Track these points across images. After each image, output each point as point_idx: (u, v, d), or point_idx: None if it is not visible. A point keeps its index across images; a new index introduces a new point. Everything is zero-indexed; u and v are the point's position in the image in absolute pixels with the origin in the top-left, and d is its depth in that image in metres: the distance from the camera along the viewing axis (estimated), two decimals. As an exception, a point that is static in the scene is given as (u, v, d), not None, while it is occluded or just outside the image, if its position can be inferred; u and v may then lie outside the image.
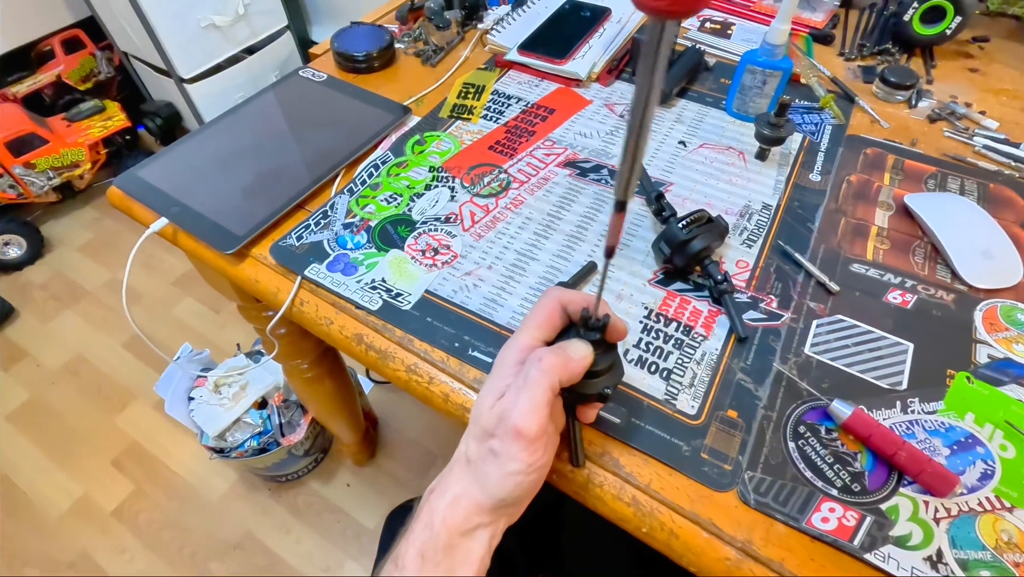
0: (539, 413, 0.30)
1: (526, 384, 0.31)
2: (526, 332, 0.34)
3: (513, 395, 0.31)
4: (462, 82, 0.67)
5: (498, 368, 0.34)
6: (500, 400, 0.32)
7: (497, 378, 0.33)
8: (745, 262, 0.49)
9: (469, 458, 0.33)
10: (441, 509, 0.32)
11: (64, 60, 1.74)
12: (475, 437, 0.33)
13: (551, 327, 0.34)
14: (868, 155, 0.59)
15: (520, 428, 0.30)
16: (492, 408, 0.32)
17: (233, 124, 0.62)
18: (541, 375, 0.31)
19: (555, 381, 0.31)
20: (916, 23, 0.68)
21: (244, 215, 0.52)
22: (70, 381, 1.35)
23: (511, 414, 0.30)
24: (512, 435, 0.30)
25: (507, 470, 0.31)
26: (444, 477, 0.34)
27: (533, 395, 0.30)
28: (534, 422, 0.30)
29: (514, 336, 0.35)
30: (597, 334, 0.34)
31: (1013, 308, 0.46)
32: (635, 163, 0.27)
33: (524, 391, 0.31)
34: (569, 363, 0.32)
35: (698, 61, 0.67)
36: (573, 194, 0.55)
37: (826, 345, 0.44)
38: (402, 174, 0.57)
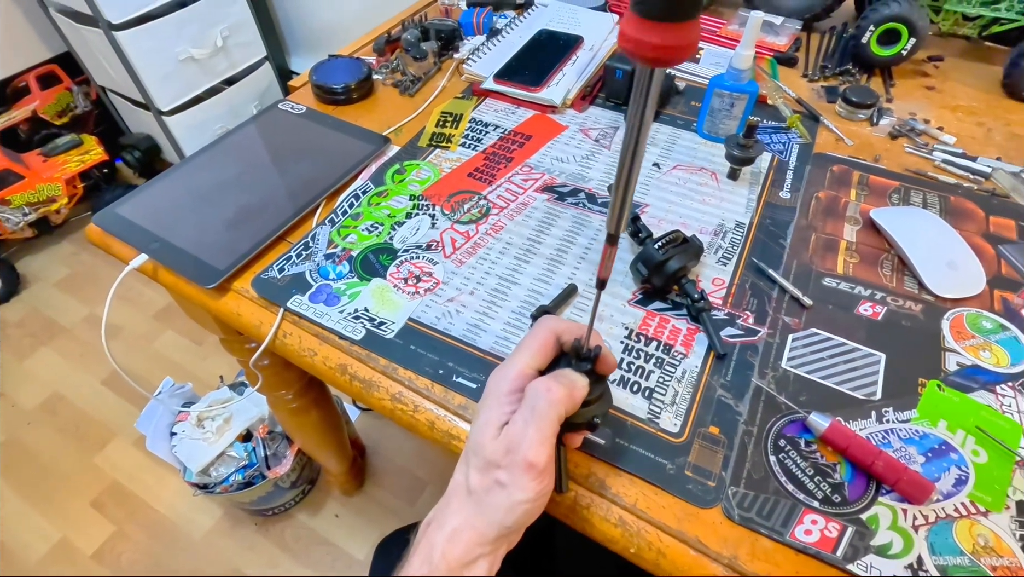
0: (548, 444, 0.31)
1: (534, 416, 0.31)
2: (520, 360, 0.34)
3: (521, 427, 0.31)
4: (440, 111, 0.69)
5: (492, 397, 0.34)
6: (504, 430, 0.32)
7: (493, 408, 0.33)
8: (721, 279, 0.51)
9: (471, 489, 0.32)
10: (440, 543, 0.31)
11: (40, 95, 1.73)
12: (477, 468, 0.32)
13: (545, 356, 0.34)
14: (835, 172, 0.61)
15: (531, 461, 0.30)
16: (496, 439, 0.32)
17: (213, 158, 0.62)
18: (550, 407, 0.31)
19: (562, 412, 0.32)
20: (874, 45, 0.71)
21: (225, 249, 0.52)
22: (47, 420, 1.32)
23: (520, 446, 0.30)
24: (523, 467, 0.30)
25: (516, 500, 0.31)
26: (441, 510, 0.33)
27: (542, 427, 0.31)
28: (543, 454, 0.30)
29: (507, 364, 0.34)
30: (589, 364, 0.34)
31: (978, 316, 0.47)
32: (626, 197, 0.28)
33: (532, 423, 0.31)
34: (573, 393, 0.32)
35: (669, 85, 0.70)
36: (552, 218, 0.56)
37: (802, 359, 0.45)
38: (383, 203, 0.58)
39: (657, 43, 0.21)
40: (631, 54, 0.22)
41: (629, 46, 0.21)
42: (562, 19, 0.80)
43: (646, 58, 0.21)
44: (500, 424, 0.32)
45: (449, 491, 0.34)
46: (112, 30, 1.38)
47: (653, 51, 0.21)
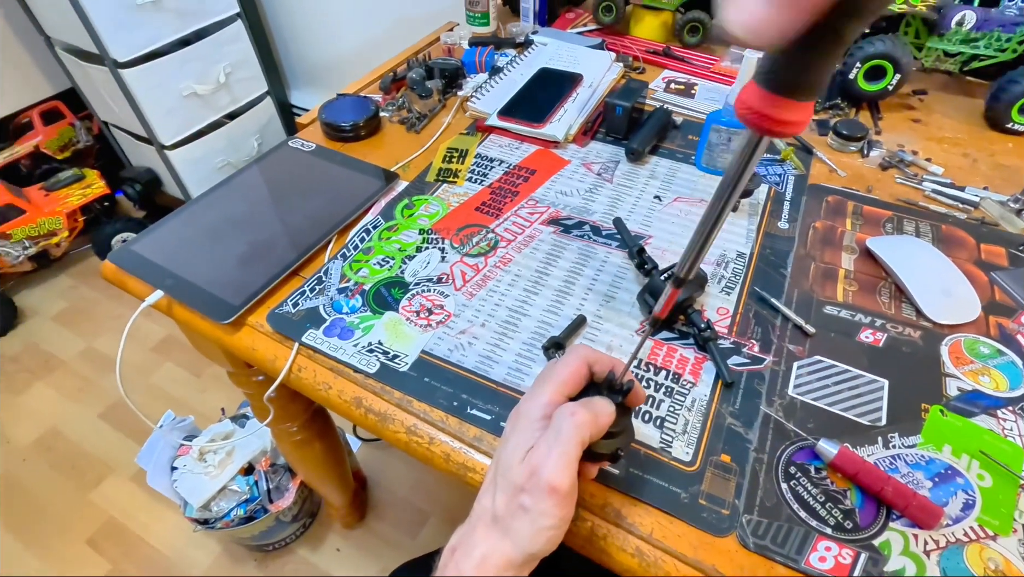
0: (571, 468, 0.31)
1: (558, 439, 0.31)
2: (551, 388, 0.34)
3: (544, 450, 0.31)
4: (446, 147, 0.71)
5: (523, 421, 0.34)
6: (529, 454, 0.32)
7: (523, 431, 0.33)
8: (725, 309, 0.52)
9: (496, 515, 0.32)
10: (469, 569, 0.31)
11: (42, 131, 1.75)
12: (504, 491, 0.32)
13: (576, 384, 0.35)
14: (830, 202, 0.63)
15: (554, 484, 0.30)
16: (522, 462, 0.32)
17: (224, 195, 0.64)
18: (574, 430, 0.31)
19: (586, 436, 0.32)
20: (860, 80, 0.74)
21: (239, 285, 0.53)
22: (43, 457, 1.30)
23: (543, 469, 0.30)
24: (546, 491, 0.30)
25: (540, 525, 0.31)
26: (467, 535, 0.33)
27: (566, 450, 0.31)
28: (567, 478, 0.30)
29: (538, 390, 0.34)
30: (620, 397, 0.35)
31: (975, 341, 0.49)
32: (706, 245, 0.29)
33: (556, 446, 0.31)
34: (598, 419, 0.33)
35: (667, 120, 0.72)
36: (558, 250, 0.58)
37: (808, 386, 0.46)
38: (393, 237, 0.59)
39: (782, 118, 0.21)
40: (753, 125, 0.22)
41: (754, 118, 0.22)
42: (561, 57, 0.84)
43: (764, 129, 0.22)
44: (527, 448, 0.32)
45: (474, 516, 0.34)
46: (118, 68, 1.41)
47: (777, 125, 0.22)
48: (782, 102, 0.21)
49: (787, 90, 0.21)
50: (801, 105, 0.21)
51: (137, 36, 1.41)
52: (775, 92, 0.21)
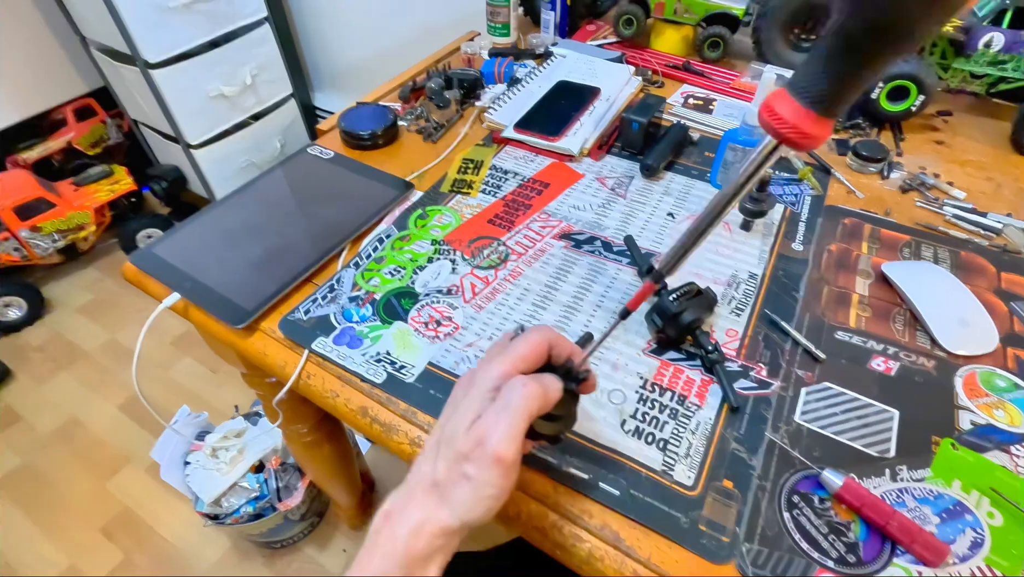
0: (518, 440, 0.31)
1: (507, 410, 0.31)
2: (509, 361, 0.33)
3: (493, 419, 0.31)
4: (462, 158, 0.71)
5: (474, 389, 0.33)
6: (477, 423, 0.32)
7: (472, 400, 0.33)
8: (734, 331, 0.52)
9: (437, 481, 0.32)
10: (404, 536, 0.31)
11: (75, 127, 1.80)
12: (447, 459, 0.32)
13: (534, 362, 0.35)
14: (846, 225, 0.62)
15: (500, 454, 0.30)
16: (469, 430, 0.32)
17: (243, 200, 0.65)
18: (523, 402, 0.31)
19: (534, 410, 0.32)
20: (883, 101, 0.73)
21: (253, 290, 0.54)
22: (63, 445, 1.34)
23: (490, 439, 0.30)
24: (491, 460, 0.30)
25: (481, 495, 0.31)
26: (403, 501, 0.33)
27: (514, 421, 0.31)
28: (513, 448, 0.30)
29: (495, 360, 0.34)
30: (575, 384, 0.36)
31: (991, 374, 0.48)
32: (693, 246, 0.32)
33: (504, 416, 0.31)
34: (547, 394, 0.33)
35: (683, 136, 0.72)
36: (569, 265, 0.58)
37: (815, 413, 0.45)
38: (405, 247, 0.60)
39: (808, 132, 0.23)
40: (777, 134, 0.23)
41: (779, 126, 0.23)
42: (580, 70, 0.84)
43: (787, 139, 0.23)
44: (475, 417, 0.32)
45: (412, 482, 0.33)
46: (148, 68, 1.45)
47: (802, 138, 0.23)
48: (812, 117, 0.22)
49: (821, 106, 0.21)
50: (827, 122, 0.22)
51: (168, 38, 1.45)
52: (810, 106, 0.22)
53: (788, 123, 0.23)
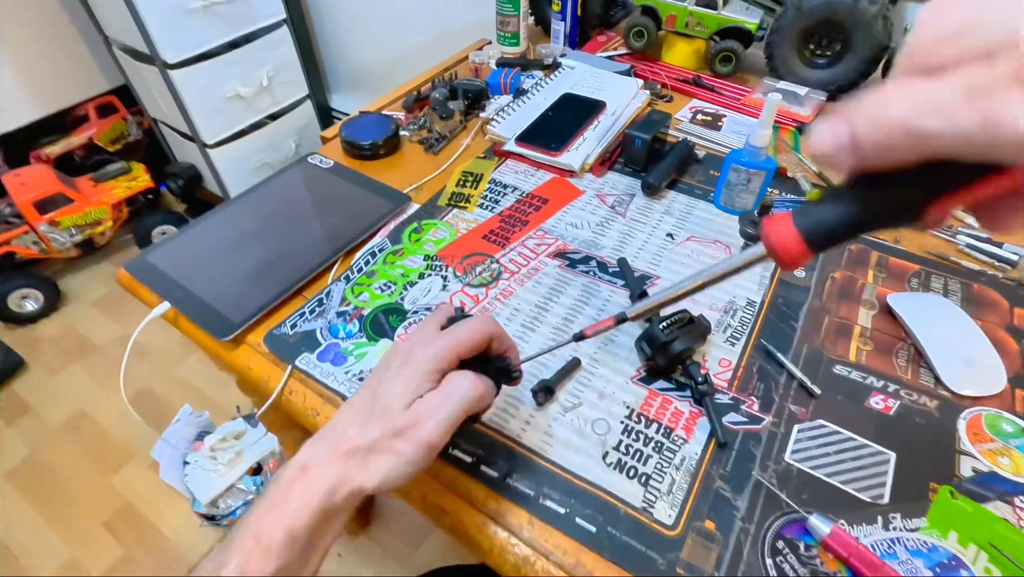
0: (451, 430, 0.33)
1: (448, 402, 0.33)
2: (451, 346, 0.35)
3: (435, 408, 0.33)
4: (461, 170, 0.71)
5: (413, 368, 0.34)
6: (417, 404, 0.33)
7: (411, 378, 0.34)
8: (728, 360, 0.50)
9: (363, 447, 0.33)
10: (321, 492, 0.32)
11: (97, 124, 1.84)
12: (379, 428, 0.33)
13: (474, 350, 0.36)
14: (852, 251, 0.60)
15: (433, 442, 0.33)
16: (408, 408, 0.33)
17: (241, 209, 0.65)
18: (464, 400, 0.34)
19: (471, 408, 0.34)
20: (898, 122, 0.71)
21: (243, 302, 0.54)
22: (71, 438, 1.36)
23: (427, 425, 0.32)
24: (424, 445, 0.32)
25: (403, 470, 0.33)
26: (324, 458, 0.33)
27: (453, 415, 0.33)
28: (445, 438, 0.33)
29: (437, 341, 0.35)
30: (506, 381, 0.39)
31: (998, 417, 0.46)
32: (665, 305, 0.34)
33: (444, 407, 0.33)
34: (484, 399, 0.35)
35: (688, 154, 0.70)
36: (562, 285, 0.57)
37: (807, 452, 0.44)
38: (398, 262, 0.59)
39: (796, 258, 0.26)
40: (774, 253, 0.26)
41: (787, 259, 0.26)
42: (587, 83, 0.82)
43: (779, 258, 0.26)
44: (414, 397, 0.34)
45: (335, 440, 0.34)
46: (167, 69, 1.47)
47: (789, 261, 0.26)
48: (804, 250, 0.25)
49: (815, 245, 0.25)
50: (813, 254, 0.25)
51: (187, 39, 1.47)
52: (807, 242, 0.25)
53: (785, 246, 0.25)
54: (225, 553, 0.31)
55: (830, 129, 0.22)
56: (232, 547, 0.31)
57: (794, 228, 0.25)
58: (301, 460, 0.33)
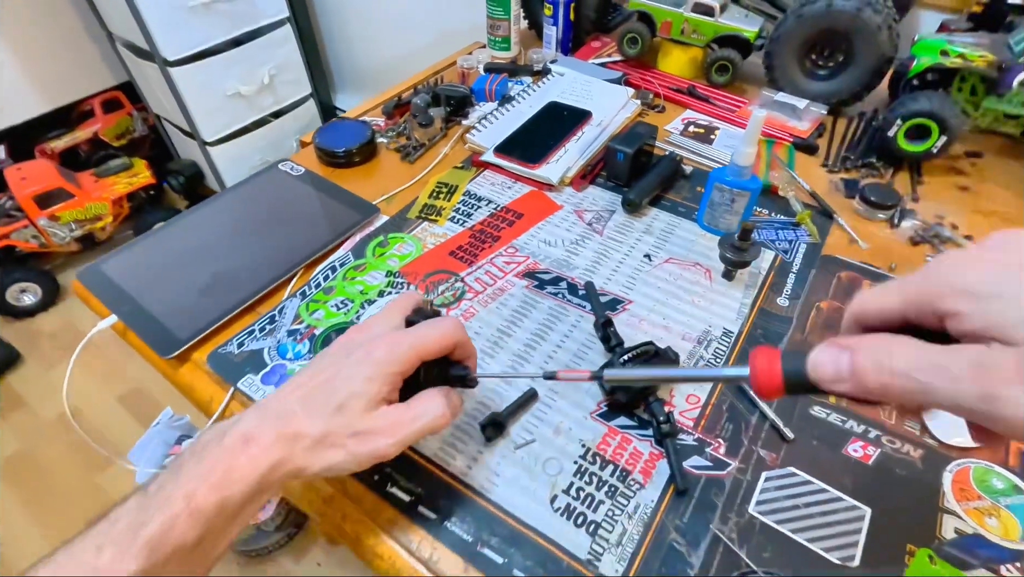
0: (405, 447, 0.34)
1: (413, 425, 0.34)
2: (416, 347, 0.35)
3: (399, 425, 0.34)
4: (436, 181, 0.68)
5: (376, 365, 0.34)
6: (382, 413, 0.33)
7: (373, 378, 0.33)
8: (697, 397, 0.46)
9: (313, 436, 0.33)
10: (263, 468, 0.32)
11: (103, 119, 1.85)
12: (332, 425, 0.33)
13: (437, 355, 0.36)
14: (842, 279, 0.56)
15: (387, 455, 0.34)
16: (369, 414, 0.33)
17: (204, 217, 0.63)
18: (428, 428, 0.34)
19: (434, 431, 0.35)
20: (901, 140, 0.67)
21: (192, 317, 0.52)
22: (62, 434, 1.36)
23: (386, 440, 0.33)
24: (377, 456, 0.33)
25: (347, 466, 0.34)
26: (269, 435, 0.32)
27: (412, 437, 0.34)
28: (397, 453, 0.34)
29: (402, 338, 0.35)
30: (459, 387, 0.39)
31: (988, 472, 0.42)
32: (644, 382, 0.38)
33: (408, 430, 0.34)
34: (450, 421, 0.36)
35: (675, 169, 0.67)
36: (527, 308, 0.54)
37: (773, 504, 0.40)
38: (358, 278, 0.56)
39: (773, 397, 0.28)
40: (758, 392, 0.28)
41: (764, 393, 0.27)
42: (575, 91, 0.79)
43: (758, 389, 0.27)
44: (377, 401, 0.34)
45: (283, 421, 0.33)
46: (167, 66, 1.47)
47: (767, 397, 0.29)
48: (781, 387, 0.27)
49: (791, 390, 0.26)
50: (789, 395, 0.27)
51: (187, 36, 1.46)
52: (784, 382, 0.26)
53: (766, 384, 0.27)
54: (149, 511, 0.30)
55: (832, 357, 0.24)
56: (159, 504, 0.30)
57: (779, 371, 0.26)
58: (244, 431, 0.32)
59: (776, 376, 0.26)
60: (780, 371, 0.26)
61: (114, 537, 0.29)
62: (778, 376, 0.26)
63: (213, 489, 0.30)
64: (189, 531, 0.30)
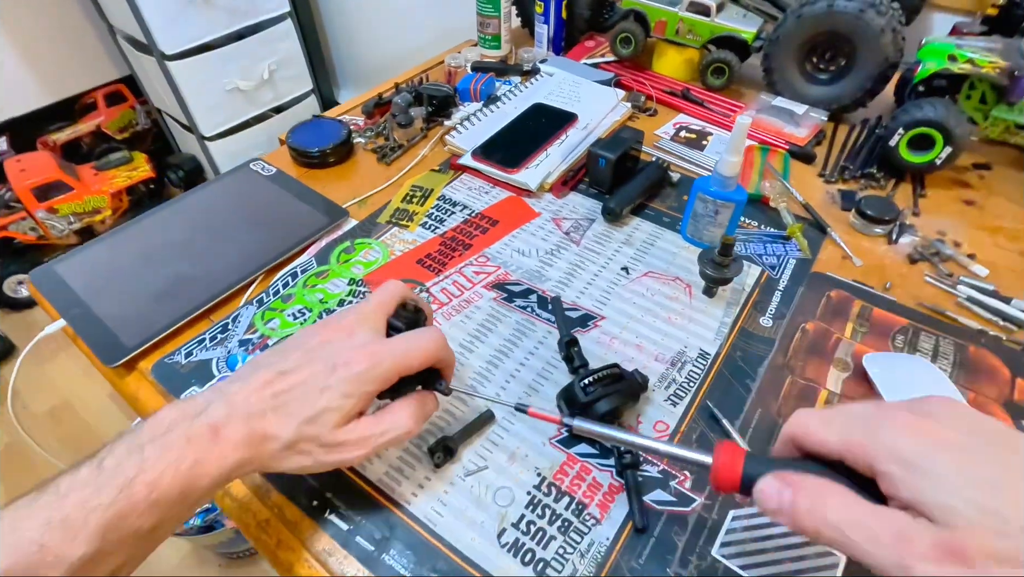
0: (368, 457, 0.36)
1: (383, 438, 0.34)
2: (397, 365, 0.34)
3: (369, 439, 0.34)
4: (411, 184, 0.65)
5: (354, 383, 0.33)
6: (352, 427, 0.34)
7: (349, 395, 0.33)
8: (665, 424, 0.43)
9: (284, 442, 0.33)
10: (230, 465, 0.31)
11: (105, 112, 1.85)
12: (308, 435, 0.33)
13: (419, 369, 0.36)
14: (832, 299, 0.52)
15: (353, 464, 0.35)
16: (339, 429, 0.33)
17: (169, 217, 0.61)
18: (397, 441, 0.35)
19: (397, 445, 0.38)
20: (903, 149, 0.63)
21: (143, 323, 0.50)
22: (52, 428, 1.36)
23: (354, 453, 0.34)
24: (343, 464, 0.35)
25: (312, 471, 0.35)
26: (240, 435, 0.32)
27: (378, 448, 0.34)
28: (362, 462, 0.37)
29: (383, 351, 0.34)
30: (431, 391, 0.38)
31: (978, 517, 0.38)
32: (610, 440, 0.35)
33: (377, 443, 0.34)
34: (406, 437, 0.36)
35: (661, 176, 0.63)
36: (492, 322, 0.51)
37: (739, 547, 0.37)
38: (319, 285, 0.54)
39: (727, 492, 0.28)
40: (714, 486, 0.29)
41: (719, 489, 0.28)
42: (563, 92, 0.76)
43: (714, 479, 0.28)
44: (351, 417, 0.34)
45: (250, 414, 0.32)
46: (165, 60, 1.46)
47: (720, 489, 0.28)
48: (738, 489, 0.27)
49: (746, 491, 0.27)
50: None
51: (186, 30, 1.45)
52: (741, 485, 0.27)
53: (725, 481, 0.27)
54: (105, 491, 0.28)
55: (776, 491, 0.25)
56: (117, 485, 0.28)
57: (739, 474, 0.27)
58: (212, 423, 0.32)
59: (735, 477, 0.27)
60: (740, 474, 0.27)
61: (65, 514, 0.27)
62: (737, 477, 0.27)
63: (178, 479, 0.30)
64: (147, 519, 0.29)
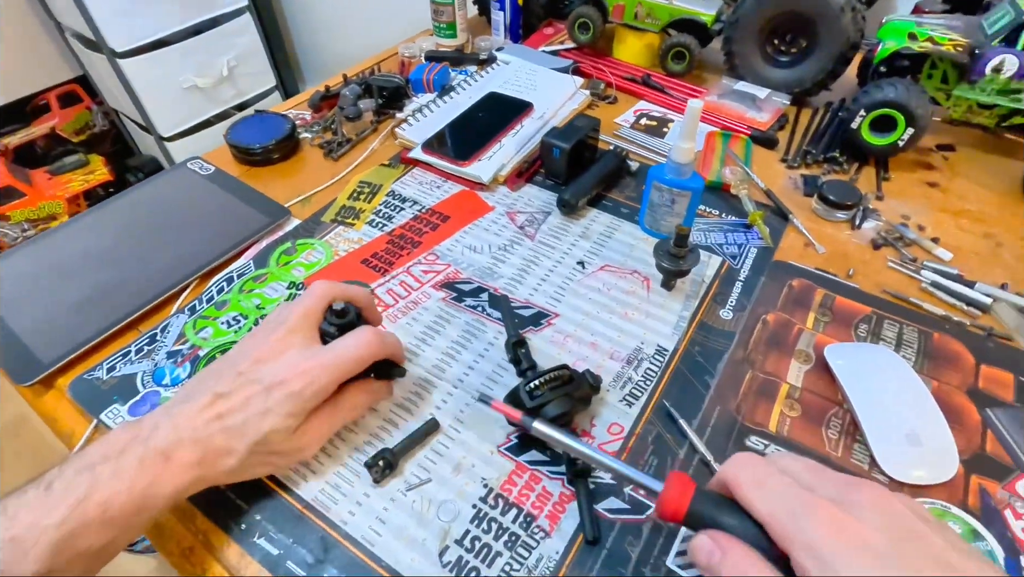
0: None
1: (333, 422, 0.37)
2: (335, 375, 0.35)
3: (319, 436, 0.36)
4: (358, 180, 0.62)
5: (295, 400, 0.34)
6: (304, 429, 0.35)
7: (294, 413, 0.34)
8: (620, 427, 0.41)
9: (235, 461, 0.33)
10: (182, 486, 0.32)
11: (59, 113, 1.77)
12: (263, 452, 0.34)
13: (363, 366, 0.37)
14: (793, 288, 0.51)
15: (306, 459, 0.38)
16: (295, 435, 0.34)
17: (98, 220, 0.57)
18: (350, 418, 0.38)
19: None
20: (865, 132, 0.61)
21: (63, 337, 0.46)
22: (9, 442, 1.30)
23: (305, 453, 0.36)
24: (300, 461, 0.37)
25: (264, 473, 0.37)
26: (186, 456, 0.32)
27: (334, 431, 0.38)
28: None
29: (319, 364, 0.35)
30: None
31: (943, 513, 0.36)
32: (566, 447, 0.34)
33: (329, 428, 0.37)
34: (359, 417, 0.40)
35: (619, 166, 0.61)
36: (440, 324, 0.48)
37: (695, 556, 0.35)
38: (256, 290, 0.51)
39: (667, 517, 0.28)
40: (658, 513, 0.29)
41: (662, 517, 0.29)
42: (519, 81, 0.73)
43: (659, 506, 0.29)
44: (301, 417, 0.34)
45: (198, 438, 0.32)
46: (116, 57, 1.40)
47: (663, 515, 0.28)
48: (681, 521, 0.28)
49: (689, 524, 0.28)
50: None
51: (137, 26, 1.39)
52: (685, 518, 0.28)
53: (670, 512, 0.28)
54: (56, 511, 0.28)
55: (708, 550, 0.26)
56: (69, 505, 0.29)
57: (685, 509, 0.27)
58: (162, 449, 0.32)
59: (680, 511, 0.27)
60: (685, 510, 0.27)
61: (13, 533, 0.28)
62: (683, 513, 0.27)
63: (133, 498, 0.30)
64: (100, 537, 0.29)
